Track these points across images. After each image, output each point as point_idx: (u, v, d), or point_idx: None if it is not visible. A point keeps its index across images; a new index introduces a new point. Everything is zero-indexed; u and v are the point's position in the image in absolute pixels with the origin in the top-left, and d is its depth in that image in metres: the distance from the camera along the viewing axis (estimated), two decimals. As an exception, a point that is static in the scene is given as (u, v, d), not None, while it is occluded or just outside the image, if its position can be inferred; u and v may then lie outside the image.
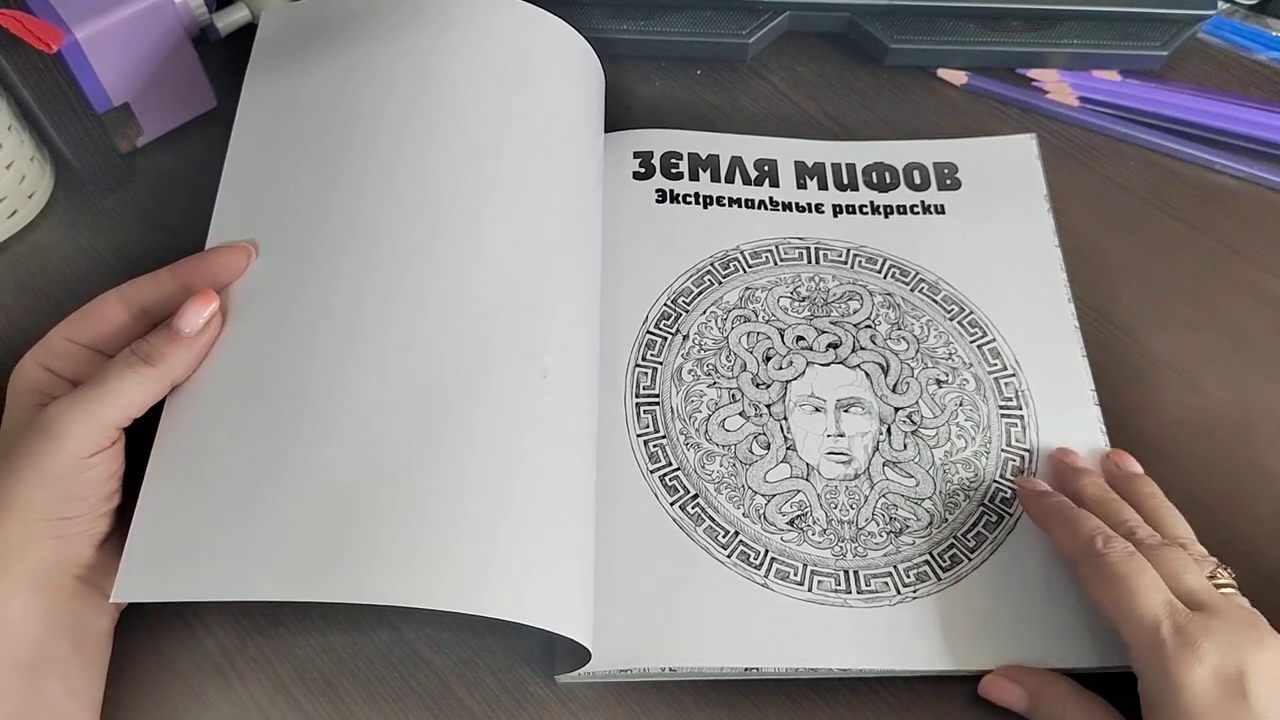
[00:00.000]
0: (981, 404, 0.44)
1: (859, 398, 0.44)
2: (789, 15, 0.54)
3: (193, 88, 0.49)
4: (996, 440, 0.43)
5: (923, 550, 0.41)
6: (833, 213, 0.49)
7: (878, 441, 0.43)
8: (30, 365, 0.37)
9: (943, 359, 0.45)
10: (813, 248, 0.48)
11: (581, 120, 0.46)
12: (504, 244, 0.40)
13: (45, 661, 0.34)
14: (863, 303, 0.46)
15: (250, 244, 0.40)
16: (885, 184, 0.50)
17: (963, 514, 0.41)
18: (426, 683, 0.39)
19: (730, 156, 0.50)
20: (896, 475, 0.42)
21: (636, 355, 0.44)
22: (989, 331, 0.45)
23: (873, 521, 0.41)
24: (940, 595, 0.40)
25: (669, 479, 0.42)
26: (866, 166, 0.50)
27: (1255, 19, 0.57)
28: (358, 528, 0.34)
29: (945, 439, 0.43)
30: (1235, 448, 0.44)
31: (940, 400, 0.44)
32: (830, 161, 0.50)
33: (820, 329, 0.45)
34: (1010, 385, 0.44)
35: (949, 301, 0.46)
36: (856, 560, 0.40)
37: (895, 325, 0.45)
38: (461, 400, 0.37)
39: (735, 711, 0.39)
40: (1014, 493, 0.42)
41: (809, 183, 0.50)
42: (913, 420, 0.43)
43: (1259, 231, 0.50)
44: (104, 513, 0.36)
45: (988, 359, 0.45)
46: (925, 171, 0.50)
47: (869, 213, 0.49)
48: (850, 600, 0.39)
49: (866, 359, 0.44)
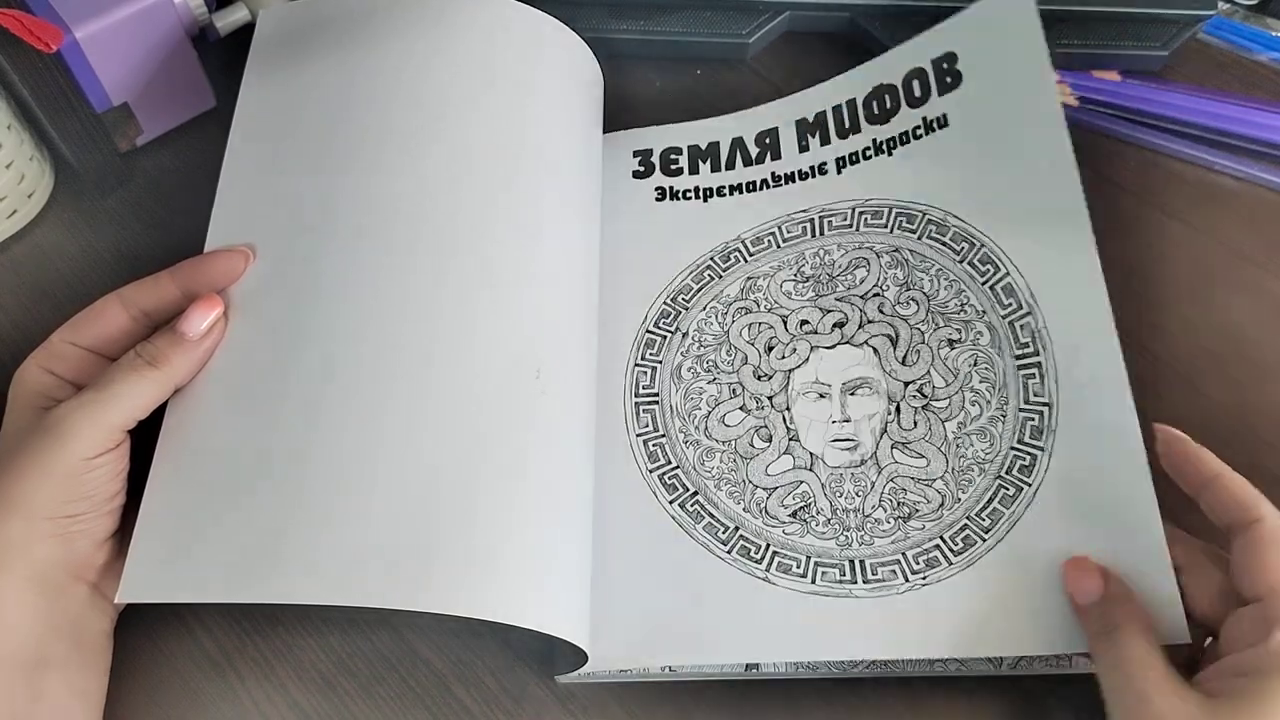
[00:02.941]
0: (997, 359, 0.42)
1: (867, 377, 0.43)
2: (789, 15, 0.54)
3: (192, 87, 0.49)
4: (1014, 399, 0.41)
5: (933, 534, 0.39)
6: (836, 168, 0.48)
7: (885, 423, 0.42)
8: (32, 368, 0.37)
9: (954, 313, 0.43)
10: (817, 218, 0.47)
11: (580, 121, 0.46)
12: (498, 244, 0.40)
13: (47, 660, 0.34)
14: (869, 269, 0.45)
15: (249, 247, 0.40)
16: (886, 110, 0.48)
17: (977, 490, 0.40)
18: (426, 683, 0.39)
19: (731, 139, 0.49)
20: (906, 457, 0.41)
21: (636, 355, 0.44)
22: (1001, 265, 0.43)
23: (880, 508, 0.40)
24: (952, 580, 0.38)
25: (668, 477, 0.42)
26: (867, 97, 0.49)
27: (1255, 19, 0.57)
28: (358, 530, 0.34)
29: (959, 408, 0.41)
30: (1235, 449, 0.44)
31: (953, 364, 0.42)
32: (831, 106, 0.49)
33: (825, 309, 0.44)
34: (1026, 328, 0.42)
35: (958, 239, 0.44)
36: (863, 549, 0.39)
37: (904, 286, 0.44)
38: (456, 401, 0.37)
39: (735, 711, 0.39)
40: (1032, 459, 0.40)
41: (811, 141, 0.49)
42: (923, 393, 0.42)
43: (1259, 231, 0.50)
44: (107, 512, 0.36)
45: (1001, 300, 0.43)
46: (925, 77, 0.48)
47: (872, 154, 0.48)
48: (855, 590, 0.39)
49: (875, 333, 0.43)
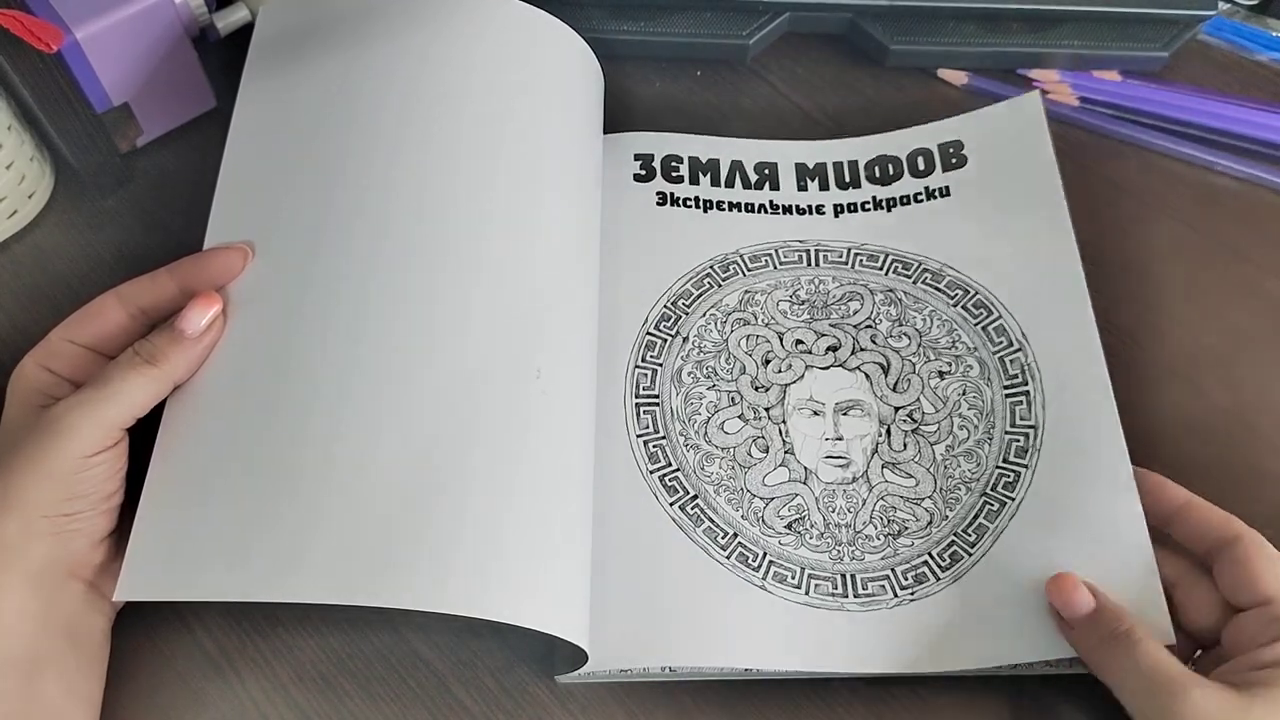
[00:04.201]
0: (985, 388, 0.43)
1: (858, 400, 0.43)
2: (789, 16, 0.54)
3: (192, 88, 0.49)
4: (1000, 423, 0.42)
5: (921, 551, 0.40)
6: (834, 213, 0.48)
7: (876, 444, 0.43)
8: (30, 366, 0.37)
9: (945, 349, 0.44)
10: (812, 250, 0.47)
11: (579, 121, 0.46)
12: (497, 244, 0.40)
13: (43, 660, 0.34)
14: (863, 302, 0.46)
15: (247, 244, 0.40)
16: (888, 176, 0.49)
17: (964, 508, 0.41)
18: (425, 683, 0.39)
19: (730, 161, 0.50)
20: (895, 476, 0.42)
21: (636, 356, 0.44)
22: (994, 309, 0.45)
23: (870, 525, 0.41)
24: (940, 595, 0.39)
25: (668, 479, 0.42)
26: (869, 161, 0.50)
27: (1256, 19, 0.57)
28: (357, 529, 0.34)
29: (947, 433, 0.43)
30: (1235, 449, 0.44)
31: (942, 393, 0.43)
32: (832, 161, 0.50)
33: (819, 332, 0.45)
34: (1016, 361, 0.43)
35: (953, 287, 0.45)
36: (854, 564, 0.40)
37: (897, 322, 0.45)
38: (455, 400, 0.37)
39: (735, 712, 0.39)
40: (1016, 476, 0.41)
41: (809, 184, 0.49)
42: (913, 418, 0.43)
43: (1259, 232, 0.50)
44: (105, 510, 0.36)
45: (992, 339, 0.44)
46: (930, 156, 0.49)
47: (871, 209, 0.48)
48: (847, 604, 0.39)
49: (866, 360, 0.44)
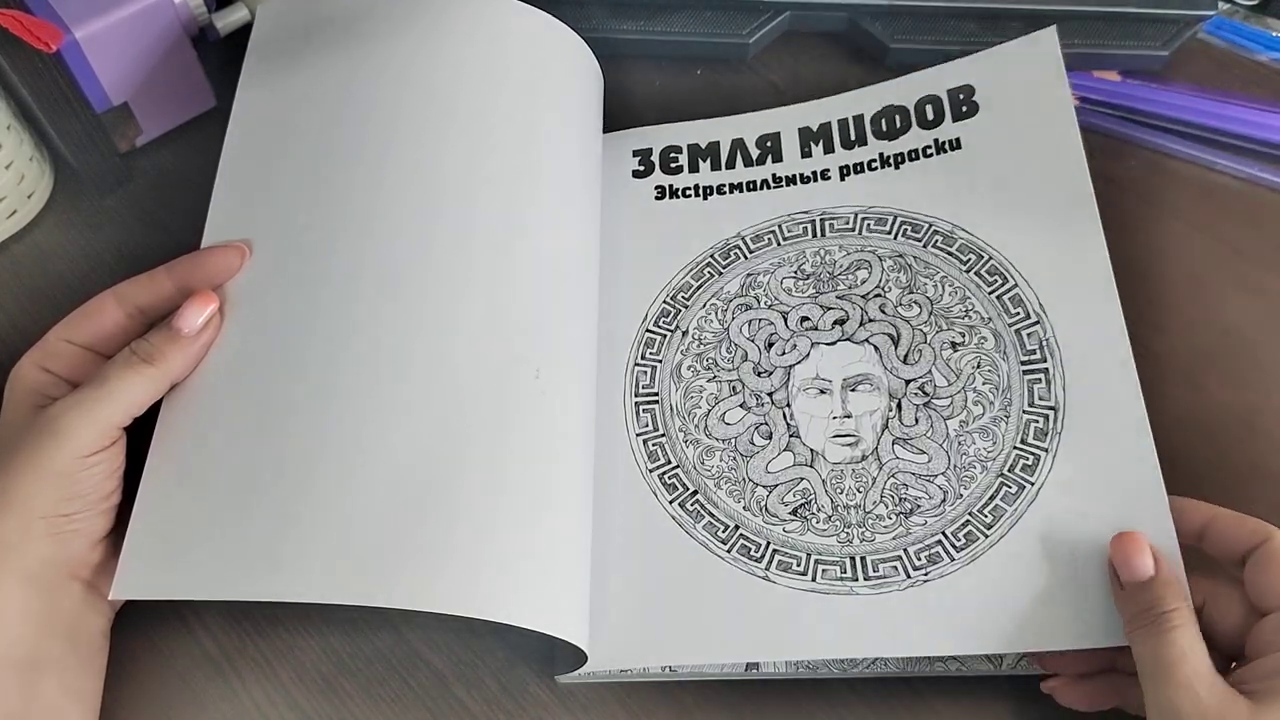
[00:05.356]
0: (1001, 362, 0.41)
1: (867, 374, 0.42)
2: (789, 15, 0.54)
3: (192, 87, 0.49)
4: (1018, 401, 0.41)
5: (935, 530, 0.39)
6: (840, 175, 0.47)
7: (887, 419, 0.41)
8: (28, 366, 0.37)
9: (958, 318, 0.43)
10: (818, 220, 0.46)
11: (578, 121, 0.46)
12: (495, 244, 0.40)
13: (42, 661, 0.34)
14: (871, 270, 0.44)
15: (245, 243, 0.40)
16: (895, 129, 0.47)
17: (979, 487, 0.39)
18: (426, 683, 0.39)
19: (731, 140, 0.49)
20: (907, 453, 0.41)
21: (636, 354, 0.44)
22: (1010, 277, 0.43)
23: (881, 504, 0.40)
24: (954, 577, 0.38)
25: (668, 477, 0.41)
26: (875, 115, 0.48)
27: (1256, 19, 0.57)
28: (354, 528, 0.34)
29: (961, 407, 0.41)
30: (1236, 448, 0.44)
31: (955, 365, 0.42)
32: (836, 119, 0.48)
33: (826, 305, 0.44)
34: (1034, 336, 0.41)
35: (965, 250, 0.44)
36: (863, 545, 0.39)
37: (907, 289, 0.43)
38: (453, 399, 0.37)
39: (735, 711, 0.39)
40: (1035, 459, 0.39)
41: (814, 149, 0.48)
42: (925, 391, 0.41)
43: (1259, 231, 0.50)
44: (103, 510, 0.36)
45: (1008, 309, 0.42)
46: (939, 104, 0.47)
47: (878, 167, 0.47)
48: (856, 588, 0.38)
49: (875, 331, 0.43)
